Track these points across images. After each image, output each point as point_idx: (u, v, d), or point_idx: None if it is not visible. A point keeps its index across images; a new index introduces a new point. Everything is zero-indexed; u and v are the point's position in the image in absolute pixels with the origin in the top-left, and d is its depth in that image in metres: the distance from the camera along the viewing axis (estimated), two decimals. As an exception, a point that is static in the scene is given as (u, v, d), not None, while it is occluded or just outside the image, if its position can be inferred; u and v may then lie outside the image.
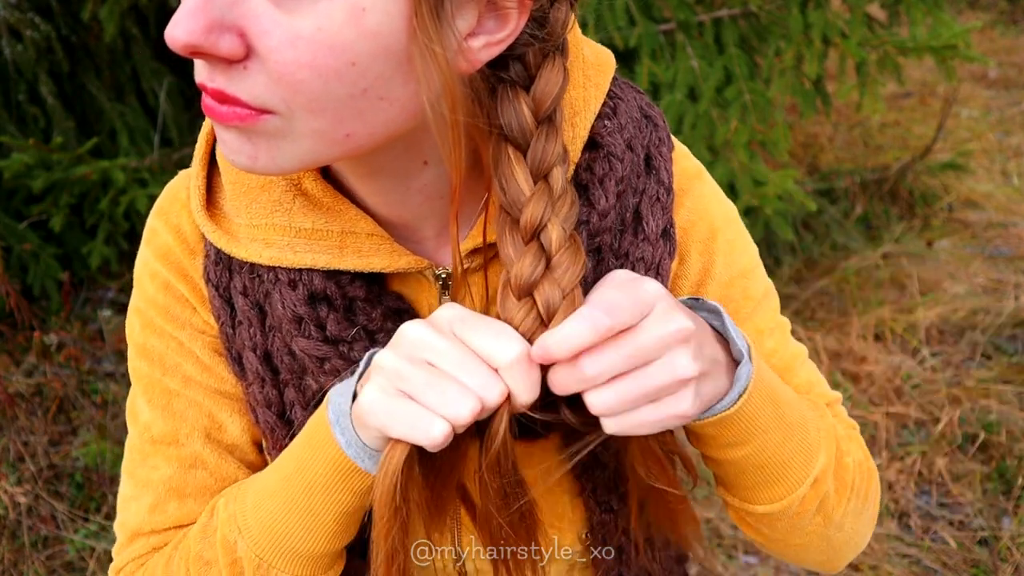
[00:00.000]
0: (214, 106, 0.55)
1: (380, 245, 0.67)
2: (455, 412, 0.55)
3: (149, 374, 0.75)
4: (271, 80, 0.52)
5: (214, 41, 0.51)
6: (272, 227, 0.66)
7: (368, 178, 0.65)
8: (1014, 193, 3.84)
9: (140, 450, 0.76)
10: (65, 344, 2.60)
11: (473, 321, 0.57)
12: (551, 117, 0.60)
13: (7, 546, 2.12)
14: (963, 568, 2.12)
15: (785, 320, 0.82)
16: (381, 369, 0.57)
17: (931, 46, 2.42)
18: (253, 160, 0.56)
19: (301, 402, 0.71)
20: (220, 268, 0.71)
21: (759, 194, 2.47)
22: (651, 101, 0.76)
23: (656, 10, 2.56)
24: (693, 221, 0.75)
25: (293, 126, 0.54)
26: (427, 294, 0.71)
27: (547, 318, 0.58)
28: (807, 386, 0.80)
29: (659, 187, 0.72)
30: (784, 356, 0.79)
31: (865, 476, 0.77)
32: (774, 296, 0.81)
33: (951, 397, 2.61)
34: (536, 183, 0.59)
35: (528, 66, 0.59)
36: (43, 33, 2.67)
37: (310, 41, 0.50)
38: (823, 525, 0.73)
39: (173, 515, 0.74)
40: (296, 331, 0.67)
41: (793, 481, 0.69)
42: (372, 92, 0.53)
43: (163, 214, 0.75)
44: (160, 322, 0.74)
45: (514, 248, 0.59)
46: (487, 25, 0.55)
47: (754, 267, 0.79)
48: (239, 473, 0.76)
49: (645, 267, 0.70)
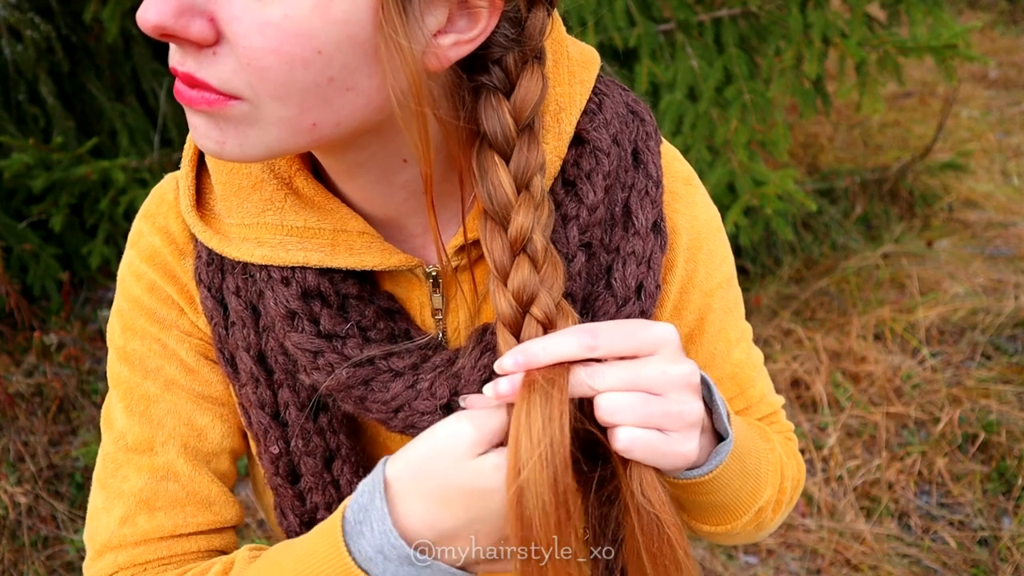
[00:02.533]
0: (183, 90, 0.55)
1: (371, 243, 0.67)
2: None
3: (128, 379, 0.74)
4: (239, 66, 0.53)
5: (184, 24, 0.52)
6: (264, 226, 0.67)
7: (350, 175, 0.66)
8: (1014, 193, 3.84)
9: (113, 459, 0.74)
10: (65, 344, 2.60)
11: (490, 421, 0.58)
12: (531, 125, 0.61)
13: (7, 546, 2.12)
14: (963, 568, 2.12)
15: (748, 326, 0.85)
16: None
17: (931, 46, 2.42)
18: (220, 145, 0.57)
19: (295, 403, 0.71)
20: (212, 269, 0.71)
21: (759, 194, 2.47)
22: (638, 97, 0.76)
23: (656, 10, 2.56)
24: (684, 228, 0.76)
25: (260, 113, 0.55)
26: (418, 292, 0.71)
27: (549, 328, 0.59)
28: (759, 396, 0.85)
29: (648, 181, 0.72)
30: (746, 367, 0.83)
31: (796, 489, 0.83)
32: (742, 302, 0.85)
33: (951, 397, 2.61)
34: (520, 191, 0.60)
35: (508, 72, 0.60)
36: (43, 33, 2.67)
37: (277, 28, 0.51)
38: (754, 531, 0.79)
39: (142, 528, 0.73)
40: (289, 327, 0.67)
41: (741, 513, 0.74)
42: (338, 82, 0.54)
43: (150, 217, 0.74)
44: (143, 324, 0.74)
45: (505, 256, 0.60)
46: (458, 24, 0.56)
47: (731, 276, 0.81)
48: (212, 487, 0.75)
49: (636, 261, 0.71)
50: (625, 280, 0.70)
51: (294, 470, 0.74)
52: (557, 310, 0.60)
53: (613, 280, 0.70)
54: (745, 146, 2.50)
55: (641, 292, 0.71)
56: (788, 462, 0.82)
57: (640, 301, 0.71)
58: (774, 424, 0.87)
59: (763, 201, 2.47)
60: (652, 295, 0.72)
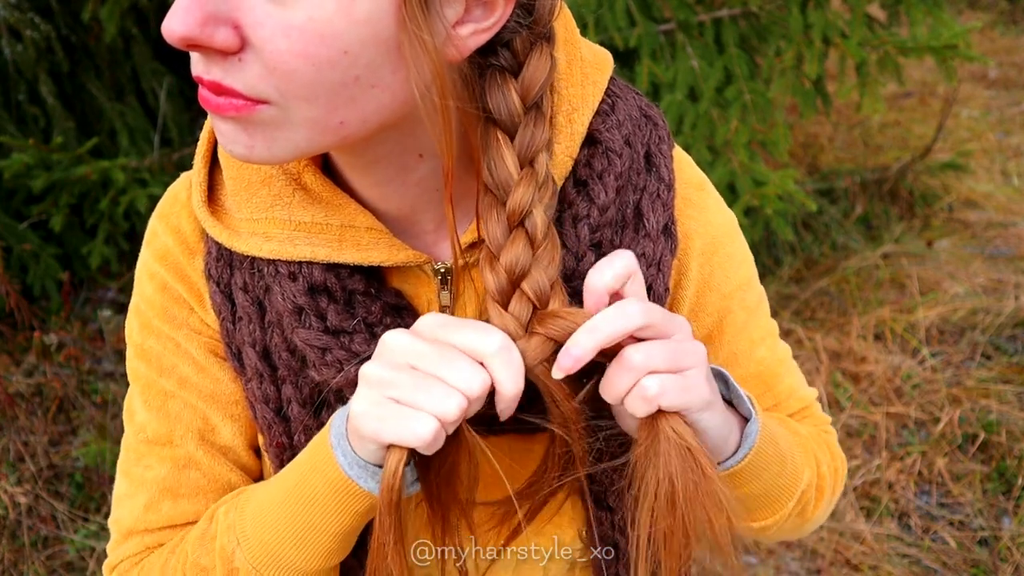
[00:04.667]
0: (210, 97, 0.56)
1: (379, 239, 0.67)
2: (442, 409, 0.56)
3: (146, 375, 0.76)
4: (266, 70, 0.53)
5: (210, 34, 0.52)
6: (272, 221, 0.67)
7: (365, 171, 0.66)
8: (1014, 193, 3.84)
9: (135, 449, 0.76)
10: (65, 344, 2.60)
11: (454, 322, 0.59)
12: (538, 104, 0.62)
13: (7, 546, 2.12)
14: (963, 568, 2.12)
15: (774, 323, 0.85)
16: (368, 379, 0.59)
17: (931, 46, 2.42)
18: (250, 149, 0.58)
19: (298, 399, 0.72)
20: (221, 264, 0.72)
21: (759, 194, 2.47)
22: (650, 102, 0.77)
23: (656, 10, 2.56)
24: (698, 232, 0.76)
25: (288, 115, 0.55)
26: (426, 289, 0.72)
27: (541, 304, 0.60)
28: (788, 392, 0.85)
29: (659, 184, 0.72)
30: (772, 364, 0.83)
31: (836, 477, 0.84)
32: (765, 301, 0.85)
33: (951, 397, 2.61)
34: (523, 168, 0.61)
35: (516, 53, 0.60)
36: (43, 33, 2.67)
37: (302, 31, 0.52)
38: (799, 522, 0.81)
39: (167, 514, 0.75)
40: (297, 322, 0.68)
41: (782, 504, 0.75)
42: (364, 80, 0.55)
43: (163, 216, 0.76)
44: (158, 323, 0.75)
45: (500, 230, 0.61)
46: (475, 13, 0.56)
47: (751, 277, 0.82)
48: (232, 475, 0.76)
49: (647, 263, 0.71)
50: None
51: None
52: (551, 289, 0.61)
53: None
54: (745, 146, 2.50)
55: (651, 294, 0.71)
56: (821, 450, 0.82)
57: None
58: (807, 419, 0.87)
59: (763, 201, 2.47)
60: (661, 297, 0.73)
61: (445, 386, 0.57)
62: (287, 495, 0.66)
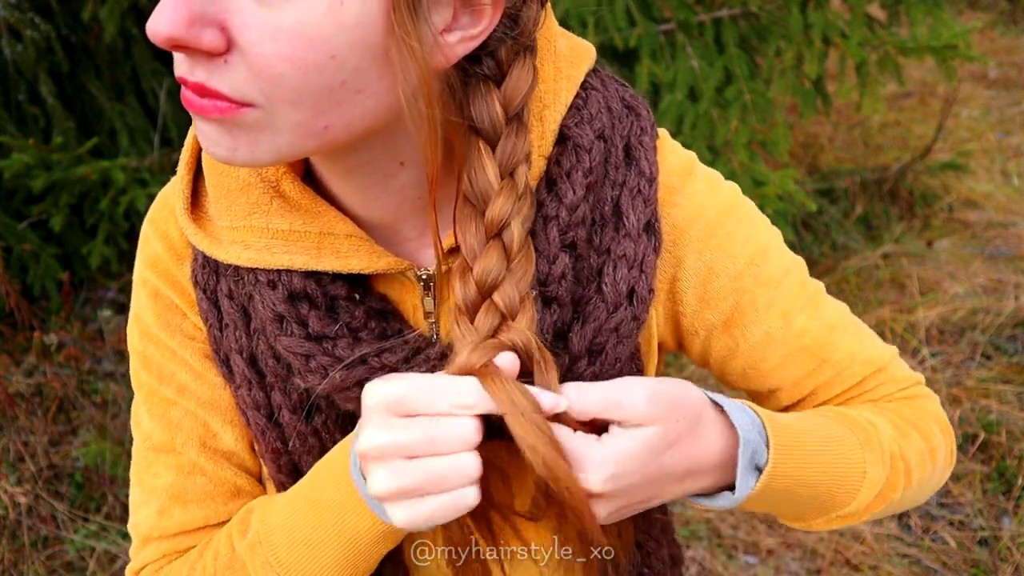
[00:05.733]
0: (194, 99, 0.56)
1: (359, 246, 0.67)
2: (468, 475, 0.56)
3: (148, 383, 0.76)
4: (252, 73, 0.53)
5: (196, 34, 0.52)
6: (250, 229, 0.67)
7: (346, 178, 0.66)
8: (1014, 193, 3.84)
9: (144, 457, 0.77)
10: (65, 344, 2.60)
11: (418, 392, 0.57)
12: (520, 115, 0.61)
13: (7, 546, 2.12)
14: (963, 568, 2.12)
15: (815, 287, 0.79)
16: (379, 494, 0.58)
17: (931, 46, 2.42)
18: (232, 152, 0.57)
19: (288, 405, 0.71)
20: (207, 271, 0.71)
21: (759, 194, 2.47)
22: (636, 93, 0.75)
23: (656, 10, 2.56)
24: (689, 220, 0.73)
25: (273, 118, 0.55)
26: (410, 295, 0.71)
27: (510, 316, 0.60)
28: (848, 358, 0.77)
29: (640, 178, 0.70)
30: (819, 332, 0.76)
31: (937, 449, 0.77)
32: (798, 268, 0.78)
33: (951, 397, 2.61)
34: (503, 178, 0.61)
35: (500, 62, 0.60)
36: (43, 33, 2.67)
37: (290, 34, 0.51)
38: (885, 509, 0.75)
39: (178, 520, 0.75)
40: (279, 330, 0.67)
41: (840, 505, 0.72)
42: (350, 84, 0.54)
43: (153, 221, 0.75)
44: (155, 331, 0.75)
45: (477, 240, 0.61)
46: (462, 21, 0.56)
47: (764, 249, 0.76)
48: (237, 479, 0.77)
49: (628, 264, 0.69)
50: (616, 284, 0.68)
51: (296, 467, 0.74)
52: (520, 304, 0.60)
53: (604, 284, 0.68)
54: (745, 146, 2.50)
55: (633, 297, 0.69)
56: (906, 436, 0.75)
57: (632, 306, 0.69)
58: (882, 385, 0.79)
59: (763, 201, 2.47)
60: (644, 299, 0.70)
61: (451, 460, 0.56)
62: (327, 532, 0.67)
